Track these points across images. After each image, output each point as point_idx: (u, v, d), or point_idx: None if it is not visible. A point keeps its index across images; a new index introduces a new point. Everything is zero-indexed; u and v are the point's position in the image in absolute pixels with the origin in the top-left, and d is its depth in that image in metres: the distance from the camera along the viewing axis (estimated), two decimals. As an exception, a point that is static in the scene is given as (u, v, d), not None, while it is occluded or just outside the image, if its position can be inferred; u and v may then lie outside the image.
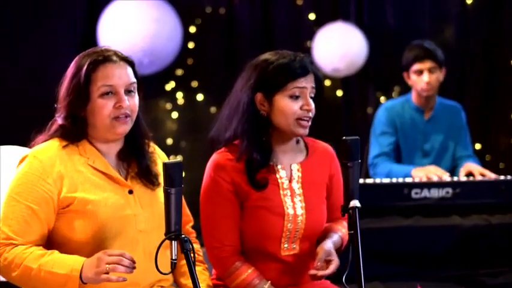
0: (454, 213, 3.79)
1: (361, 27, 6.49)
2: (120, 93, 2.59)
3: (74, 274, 2.41)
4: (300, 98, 2.81)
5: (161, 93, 6.70)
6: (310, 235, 2.91)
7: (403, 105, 4.84)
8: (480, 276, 3.64)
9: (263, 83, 2.81)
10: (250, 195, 2.83)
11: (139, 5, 5.80)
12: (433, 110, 4.80)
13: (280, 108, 2.81)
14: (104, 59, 2.60)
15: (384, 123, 4.77)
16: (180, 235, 2.39)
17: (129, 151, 2.72)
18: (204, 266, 2.89)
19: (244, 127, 2.84)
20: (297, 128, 2.83)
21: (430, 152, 4.70)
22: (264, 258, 2.87)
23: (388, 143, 4.70)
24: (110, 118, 2.58)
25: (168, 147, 6.70)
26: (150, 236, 2.59)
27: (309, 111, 2.82)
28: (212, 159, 2.88)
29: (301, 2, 6.72)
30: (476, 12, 6.78)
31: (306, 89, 2.81)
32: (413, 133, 4.75)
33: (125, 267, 2.37)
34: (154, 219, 2.59)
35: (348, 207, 2.58)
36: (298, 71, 2.79)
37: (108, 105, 2.58)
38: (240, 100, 2.86)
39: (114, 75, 2.59)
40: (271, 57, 2.84)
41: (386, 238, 3.63)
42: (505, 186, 3.85)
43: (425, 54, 4.63)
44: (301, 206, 2.88)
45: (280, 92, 2.80)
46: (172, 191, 2.39)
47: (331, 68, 6.28)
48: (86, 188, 2.57)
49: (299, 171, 2.92)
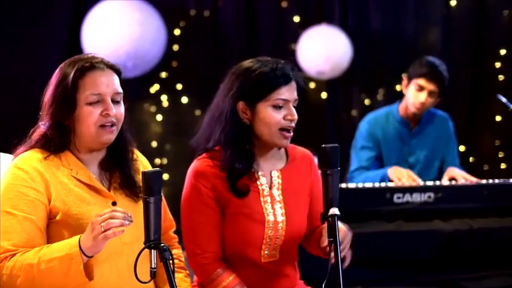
0: (436, 217, 3.79)
1: (346, 30, 6.50)
2: (107, 101, 2.57)
3: (73, 251, 2.39)
4: (283, 107, 2.80)
5: (146, 96, 6.69)
6: (291, 242, 2.91)
7: (387, 116, 4.71)
8: (463, 280, 3.64)
9: (245, 92, 2.81)
10: (231, 202, 2.83)
11: (123, 7, 5.79)
12: (419, 122, 4.68)
13: (262, 118, 2.80)
14: (91, 66, 2.58)
15: (364, 137, 4.67)
16: (159, 244, 2.38)
17: (112, 161, 2.71)
18: (185, 273, 2.89)
19: (227, 136, 2.83)
20: (279, 140, 2.82)
21: (415, 165, 4.58)
22: (245, 265, 2.87)
23: (367, 158, 4.61)
24: (96, 126, 2.57)
25: (152, 150, 6.69)
26: (133, 247, 2.57)
27: (293, 121, 2.81)
28: (193, 165, 2.88)
29: (285, 4, 6.73)
30: (461, 15, 6.81)
31: (289, 101, 2.81)
32: (398, 146, 4.66)
33: (120, 220, 2.36)
34: (138, 231, 2.55)
35: (327, 215, 2.58)
36: (281, 80, 2.78)
37: (95, 113, 2.56)
38: (222, 109, 2.85)
39: (102, 83, 2.57)
40: (253, 65, 2.83)
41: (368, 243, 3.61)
42: (487, 190, 3.85)
43: (435, 77, 4.48)
44: (281, 213, 2.88)
45: (263, 101, 2.79)
46: (151, 200, 2.37)
47: (316, 71, 6.28)
48: (69, 200, 2.55)
49: (279, 177, 2.92)
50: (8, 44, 6.08)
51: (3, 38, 6.09)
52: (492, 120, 6.84)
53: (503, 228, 3.77)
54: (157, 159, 6.72)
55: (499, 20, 6.81)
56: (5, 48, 6.07)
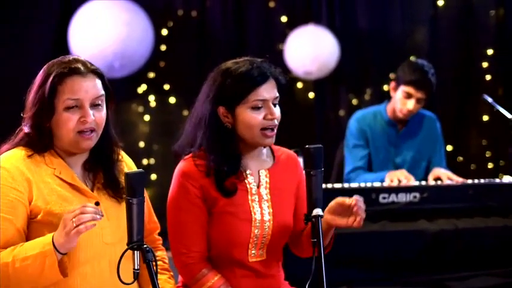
0: (421, 217, 3.79)
1: (333, 30, 6.51)
2: (85, 107, 2.54)
3: (47, 248, 2.38)
4: (262, 107, 2.78)
5: (133, 96, 6.69)
6: (277, 241, 2.91)
7: (375, 116, 4.69)
8: (448, 280, 3.65)
9: (223, 96, 2.79)
10: (219, 201, 2.82)
11: (110, 8, 5.78)
12: (407, 123, 4.66)
13: (243, 121, 2.79)
14: (70, 71, 2.55)
15: (355, 135, 4.66)
16: (142, 245, 2.38)
17: (96, 161, 2.70)
18: (169, 274, 2.88)
19: (209, 141, 2.82)
20: (262, 139, 2.81)
21: (402, 165, 4.56)
22: (231, 264, 2.86)
23: (361, 156, 4.59)
24: (75, 132, 2.55)
25: (140, 150, 6.69)
26: (116, 248, 2.56)
27: (273, 120, 2.79)
28: (180, 165, 2.86)
29: (273, 4, 6.73)
30: (448, 15, 6.83)
31: (268, 100, 2.79)
32: (385, 146, 4.65)
33: (91, 215, 2.35)
34: (120, 232, 2.55)
35: (311, 216, 2.58)
36: (256, 80, 2.76)
37: (73, 119, 2.54)
38: (203, 114, 2.84)
39: (81, 88, 2.54)
40: (229, 68, 2.81)
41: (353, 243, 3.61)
42: (472, 190, 3.86)
43: (423, 85, 4.43)
44: (268, 212, 2.87)
45: (241, 104, 2.78)
46: (134, 201, 2.36)
47: (303, 71, 6.29)
48: (52, 199, 2.54)
49: (267, 177, 2.91)
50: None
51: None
52: (479, 120, 6.87)
53: (489, 228, 3.77)
54: (145, 159, 6.72)
55: (486, 20, 6.84)
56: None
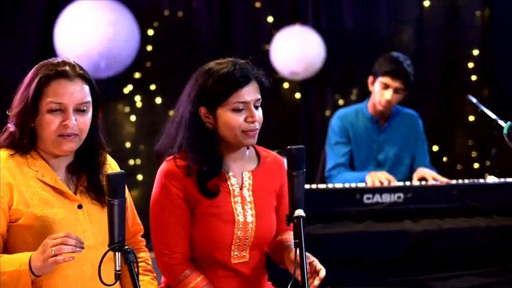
0: (406, 218, 3.79)
1: (319, 30, 6.52)
2: (68, 111, 2.54)
3: (23, 268, 2.39)
4: (243, 110, 2.78)
5: (119, 96, 6.69)
6: (260, 243, 2.91)
7: (357, 113, 4.73)
8: (431, 280, 3.65)
9: (204, 97, 2.78)
10: (201, 202, 2.82)
11: (95, 8, 5.77)
12: (388, 120, 4.70)
13: (224, 122, 2.78)
14: (57, 74, 2.55)
15: (337, 133, 4.70)
16: (123, 246, 2.37)
17: (80, 164, 2.69)
18: (152, 276, 2.88)
19: (189, 142, 2.82)
20: (244, 139, 2.80)
21: (384, 162, 4.62)
22: (214, 266, 2.86)
23: (343, 153, 4.63)
24: (56, 135, 2.55)
25: (126, 151, 6.68)
26: (98, 251, 2.54)
27: (254, 122, 2.78)
28: (163, 166, 2.86)
29: (259, 5, 6.73)
30: (434, 16, 6.85)
31: (249, 102, 2.78)
32: (367, 143, 4.68)
33: (72, 247, 2.35)
34: (103, 235, 2.54)
35: (293, 217, 2.58)
36: (237, 83, 2.75)
37: (55, 122, 2.54)
38: (184, 114, 2.83)
39: (66, 92, 2.54)
40: (210, 69, 2.79)
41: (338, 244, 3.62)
42: (456, 190, 3.86)
43: (399, 74, 4.49)
44: (251, 214, 2.87)
45: (222, 105, 2.77)
46: (115, 202, 2.37)
47: (289, 71, 6.29)
48: (34, 203, 2.53)
49: (250, 178, 2.91)
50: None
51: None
52: (465, 120, 6.89)
53: (472, 228, 3.77)
54: (131, 160, 6.71)
55: (472, 20, 6.86)
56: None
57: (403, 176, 4.56)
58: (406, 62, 4.56)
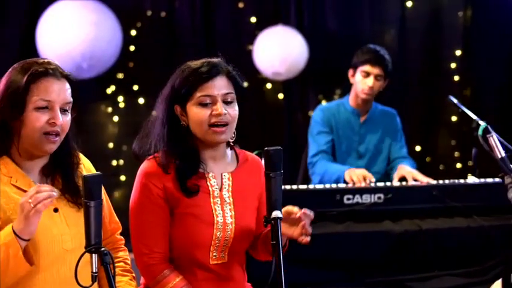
0: (386, 218, 3.81)
1: (302, 30, 6.52)
2: (55, 109, 2.57)
3: (9, 239, 2.39)
4: (210, 104, 2.80)
5: (102, 96, 6.65)
6: (239, 244, 2.92)
7: (338, 107, 4.88)
8: (410, 281, 3.66)
9: (175, 94, 2.82)
10: (181, 202, 2.82)
11: (78, 8, 5.75)
12: (369, 113, 4.85)
13: (192, 118, 2.81)
14: (46, 72, 2.57)
15: (319, 123, 4.81)
16: (100, 248, 2.37)
17: (54, 166, 2.69)
18: (131, 276, 2.88)
19: (165, 140, 2.85)
20: (212, 136, 2.81)
21: (365, 154, 4.76)
22: (193, 266, 2.87)
23: (325, 142, 4.74)
24: (41, 133, 2.56)
25: (109, 151, 6.66)
26: (76, 254, 2.53)
27: (219, 115, 2.79)
28: (143, 166, 2.87)
29: (242, 5, 6.72)
30: (416, 16, 6.86)
31: (214, 95, 2.79)
32: (349, 135, 4.80)
33: (47, 192, 2.37)
34: (80, 237, 2.54)
35: (270, 218, 2.58)
36: (205, 75, 2.78)
37: (42, 120, 2.55)
38: (160, 113, 2.88)
39: (54, 90, 2.57)
40: (184, 66, 2.86)
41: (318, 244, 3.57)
42: (437, 191, 3.88)
43: (378, 60, 4.69)
44: (230, 215, 2.88)
45: (190, 101, 2.80)
46: (91, 204, 2.37)
47: (272, 72, 6.28)
48: (10, 208, 2.53)
49: (229, 180, 2.92)
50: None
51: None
52: (448, 120, 6.90)
53: (452, 228, 3.80)
54: (114, 160, 6.69)
55: (454, 21, 6.87)
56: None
57: (383, 166, 4.72)
58: (383, 51, 4.78)
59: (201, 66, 2.79)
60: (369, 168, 4.56)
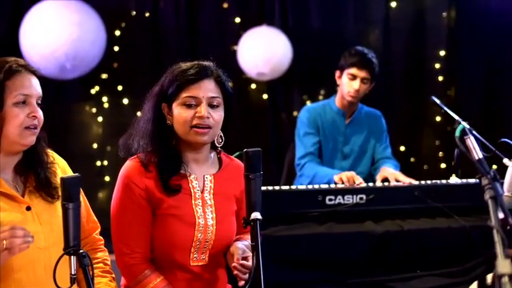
0: (367, 219, 3.80)
1: (286, 31, 6.52)
2: (33, 103, 2.61)
3: None
4: (194, 106, 2.82)
5: (86, 97, 6.65)
6: (220, 246, 2.93)
7: (324, 107, 4.88)
8: (392, 281, 3.66)
9: (163, 94, 2.86)
10: (162, 203, 2.84)
11: (61, 8, 5.74)
12: (354, 114, 4.87)
13: (176, 117, 2.85)
14: (19, 69, 2.60)
15: (306, 124, 4.81)
16: (79, 250, 2.37)
17: (27, 164, 2.70)
18: (110, 277, 2.89)
19: (150, 136, 2.87)
20: (194, 136, 2.83)
21: (350, 154, 4.79)
22: (173, 267, 2.88)
23: (312, 143, 4.75)
24: (22, 128, 2.58)
25: (93, 152, 6.65)
26: (50, 252, 2.57)
27: (201, 118, 2.81)
28: (125, 165, 2.89)
29: (226, 5, 6.72)
30: (400, 16, 6.87)
31: (199, 98, 2.82)
32: (334, 135, 4.81)
33: (22, 238, 2.36)
34: (54, 235, 2.56)
35: (249, 220, 2.59)
36: (192, 77, 2.81)
37: (21, 115, 2.58)
38: (147, 111, 2.90)
39: (31, 85, 2.62)
40: (174, 67, 2.89)
41: (299, 245, 3.61)
42: (418, 191, 3.88)
43: (365, 64, 4.68)
44: (212, 217, 2.89)
45: (176, 101, 2.83)
46: (70, 205, 2.36)
47: (256, 72, 6.29)
48: None
49: (211, 182, 2.94)
50: None
51: None
52: (432, 120, 6.92)
53: (434, 229, 3.78)
54: (98, 161, 6.68)
55: (438, 21, 6.90)
56: None
57: (367, 166, 4.75)
58: (371, 54, 4.77)
59: (190, 68, 2.83)
60: (354, 169, 4.58)
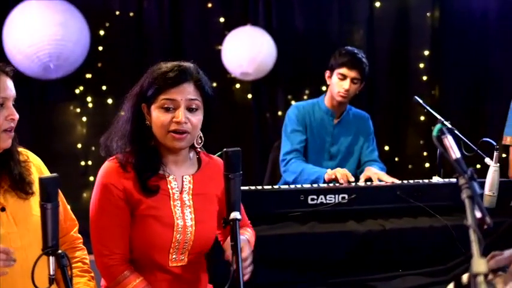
0: (350, 218, 3.79)
1: (270, 31, 6.53)
2: (10, 106, 2.61)
3: None
4: (172, 109, 2.80)
5: (70, 97, 6.63)
6: (199, 247, 2.93)
7: (313, 106, 4.88)
8: (374, 281, 3.66)
9: (142, 95, 2.84)
10: (141, 204, 2.83)
11: (44, 8, 5.73)
12: (343, 115, 4.86)
13: (154, 120, 2.83)
14: None
15: (294, 121, 4.81)
16: (57, 250, 2.36)
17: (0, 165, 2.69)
18: (89, 276, 2.90)
19: (130, 136, 2.86)
20: (171, 142, 2.82)
21: (336, 155, 4.78)
22: (152, 268, 2.87)
23: (299, 141, 4.74)
24: (1, 130, 2.58)
25: (77, 152, 6.64)
26: (27, 252, 2.57)
27: (179, 123, 2.80)
28: (104, 166, 2.87)
29: (211, 5, 6.72)
30: (385, 16, 6.89)
31: (178, 101, 2.80)
32: (322, 134, 4.81)
33: (3, 261, 2.36)
34: (30, 234, 2.56)
35: (229, 219, 2.58)
36: (171, 80, 2.78)
37: (1, 117, 2.58)
38: (127, 111, 2.89)
39: (7, 87, 2.61)
40: (155, 67, 2.86)
41: (282, 245, 3.61)
42: (400, 191, 3.88)
43: (355, 64, 4.68)
44: (191, 218, 2.89)
45: (154, 103, 2.81)
46: (48, 206, 2.35)
47: (240, 72, 6.29)
48: None
49: (190, 182, 2.93)
50: None
51: None
52: (416, 120, 6.95)
53: (416, 228, 3.78)
54: (83, 161, 6.66)
55: (422, 21, 6.93)
56: None
57: (351, 169, 4.73)
58: (361, 54, 4.76)
59: (170, 70, 2.79)
60: None
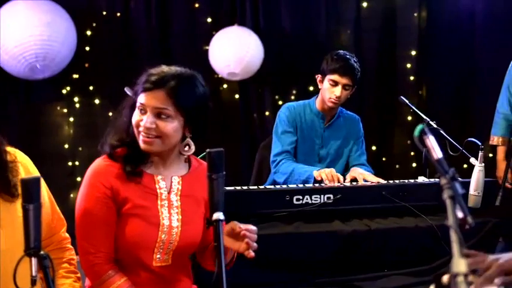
0: (335, 218, 3.80)
1: (257, 31, 6.53)
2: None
3: None
4: (143, 112, 2.82)
5: (57, 97, 6.61)
6: (184, 248, 2.93)
7: (305, 108, 4.84)
8: (360, 281, 3.67)
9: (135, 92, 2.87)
10: (127, 203, 2.83)
11: (31, 8, 5.71)
12: (334, 118, 4.82)
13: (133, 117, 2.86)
14: None
15: (285, 122, 4.78)
16: (39, 252, 2.35)
17: None
18: (75, 277, 2.89)
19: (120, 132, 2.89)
20: (141, 142, 2.84)
21: (325, 157, 4.74)
22: (136, 268, 2.88)
23: (289, 142, 4.72)
24: None
25: (65, 152, 6.62)
26: (11, 254, 2.55)
27: (144, 127, 2.81)
28: (93, 164, 2.89)
29: (198, 5, 6.71)
30: (372, 16, 6.91)
31: (147, 107, 2.81)
32: (312, 137, 4.78)
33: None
34: (16, 237, 2.54)
35: (212, 220, 2.58)
36: (146, 85, 2.80)
37: None
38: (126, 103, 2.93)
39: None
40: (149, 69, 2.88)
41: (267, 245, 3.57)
42: (386, 191, 3.89)
43: (347, 71, 4.59)
44: (177, 219, 2.90)
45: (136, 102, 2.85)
46: (30, 207, 2.34)
47: (228, 72, 6.29)
48: None
49: (179, 184, 2.95)
50: None
51: None
52: (403, 120, 6.96)
53: (401, 228, 3.80)
54: (70, 161, 6.65)
55: (410, 21, 6.94)
56: None
57: (339, 171, 4.66)
58: (353, 59, 4.69)
59: (152, 75, 2.81)
60: None
